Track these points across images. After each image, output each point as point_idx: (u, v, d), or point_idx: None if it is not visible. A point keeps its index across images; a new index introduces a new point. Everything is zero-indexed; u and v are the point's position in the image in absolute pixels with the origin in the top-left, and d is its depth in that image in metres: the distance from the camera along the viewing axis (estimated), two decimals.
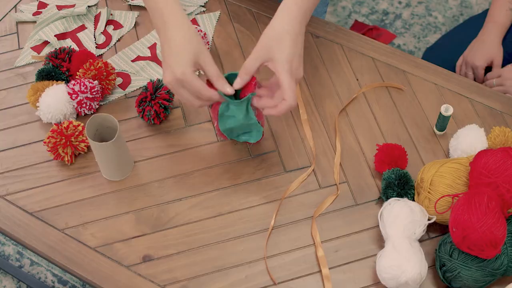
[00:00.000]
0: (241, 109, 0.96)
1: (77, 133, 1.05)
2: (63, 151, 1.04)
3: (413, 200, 0.99)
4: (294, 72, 0.92)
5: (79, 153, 1.07)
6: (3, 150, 1.09)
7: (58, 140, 1.03)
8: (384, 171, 1.02)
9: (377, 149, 1.05)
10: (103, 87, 1.12)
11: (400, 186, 0.99)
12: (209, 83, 0.96)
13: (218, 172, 1.06)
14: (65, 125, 1.04)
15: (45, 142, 1.04)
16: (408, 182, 0.99)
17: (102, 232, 1.00)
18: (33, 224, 1.01)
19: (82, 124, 1.06)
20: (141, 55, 1.21)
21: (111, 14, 1.27)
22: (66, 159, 1.05)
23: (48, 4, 1.29)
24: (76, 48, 1.21)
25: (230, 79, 0.96)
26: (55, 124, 1.07)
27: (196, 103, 0.96)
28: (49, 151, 1.04)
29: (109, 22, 1.26)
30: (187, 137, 1.10)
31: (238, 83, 0.95)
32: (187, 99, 0.96)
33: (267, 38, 0.93)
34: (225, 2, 1.29)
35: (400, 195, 0.98)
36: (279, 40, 0.91)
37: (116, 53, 1.22)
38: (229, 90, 0.95)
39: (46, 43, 1.23)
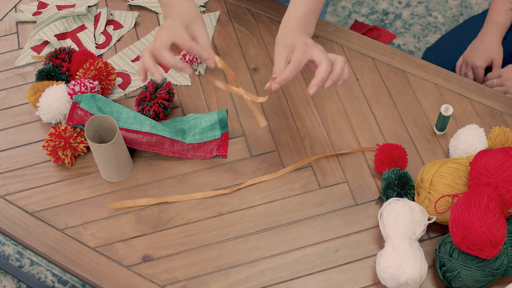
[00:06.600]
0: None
1: (75, 134, 1.05)
2: (63, 154, 1.04)
3: (413, 200, 0.99)
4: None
5: (79, 154, 1.07)
6: (3, 150, 1.09)
7: (57, 143, 1.03)
8: (384, 171, 1.02)
9: (377, 149, 1.05)
10: (103, 87, 1.12)
11: (400, 186, 0.99)
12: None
13: (218, 172, 1.06)
14: (62, 127, 1.04)
15: (44, 146, 1.04)
16: (408, 182, 0.99)
17: (102, 232, 1.00)
18: (33, 224, 1.01)
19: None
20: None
21: (111, 14, 1.27)
22: (66, 161, 1.04)
23: (48, 4, 1.29)
24: (76, 48, 1.21)
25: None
26: (52, 127, 1.06)
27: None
28: (48, 154, 1.04)
29: (109, 22, 1.26)
30: None
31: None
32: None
33: (284, 38, 0.98)
34: (225, 2, 1.29)
35: (400, 195, 0.98)
36: (294, 33, 0.98)
37: (116, 53, 1.22)
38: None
39: (46, 43, 1.23)
